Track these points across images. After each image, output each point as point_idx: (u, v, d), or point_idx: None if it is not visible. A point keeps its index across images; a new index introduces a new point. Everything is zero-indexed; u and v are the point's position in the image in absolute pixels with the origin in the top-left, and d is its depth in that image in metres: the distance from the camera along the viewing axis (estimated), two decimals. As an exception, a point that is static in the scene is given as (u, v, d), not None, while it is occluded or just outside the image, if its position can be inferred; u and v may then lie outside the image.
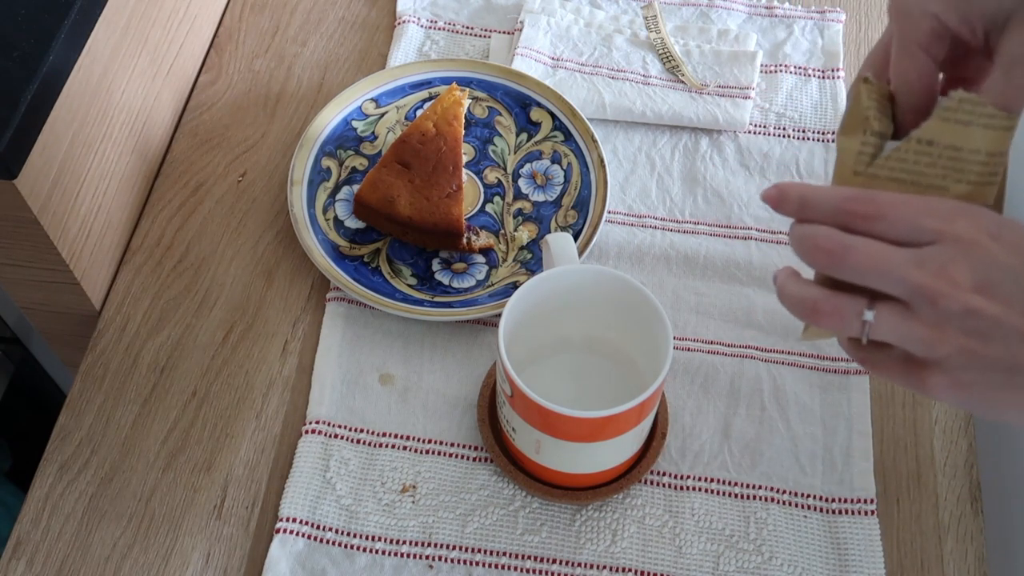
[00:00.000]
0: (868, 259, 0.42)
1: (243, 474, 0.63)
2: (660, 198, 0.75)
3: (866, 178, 0.43)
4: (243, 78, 0.82)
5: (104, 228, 0.70)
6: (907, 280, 0.41)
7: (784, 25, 0.85)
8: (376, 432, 0.65)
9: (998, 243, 0.41)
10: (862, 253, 0.42)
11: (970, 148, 0.42)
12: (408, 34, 0.83)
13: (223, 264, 0.72)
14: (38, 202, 0.61)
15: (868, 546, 0.61)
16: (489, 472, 0.63)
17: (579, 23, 0.84)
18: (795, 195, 0.44)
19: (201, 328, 0.69)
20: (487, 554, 0.60)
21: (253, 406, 0.66)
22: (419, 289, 0.69)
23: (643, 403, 0.55)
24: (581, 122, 0.76)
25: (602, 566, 0.60)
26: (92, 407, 0.65)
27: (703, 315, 0.70)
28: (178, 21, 0.77)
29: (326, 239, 0.71)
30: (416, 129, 0.70)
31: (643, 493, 0.63)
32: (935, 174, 0.43)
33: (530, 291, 0.59)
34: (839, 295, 0.43)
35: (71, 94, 0.63)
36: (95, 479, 0.63)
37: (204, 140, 0.78)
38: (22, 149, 0.58)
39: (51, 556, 0.60)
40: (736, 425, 0.65)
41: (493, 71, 0.79)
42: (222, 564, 0.60)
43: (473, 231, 0.71)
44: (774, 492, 0.63)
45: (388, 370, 0.67)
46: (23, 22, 0.59)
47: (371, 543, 0.60)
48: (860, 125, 0.43)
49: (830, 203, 0.43)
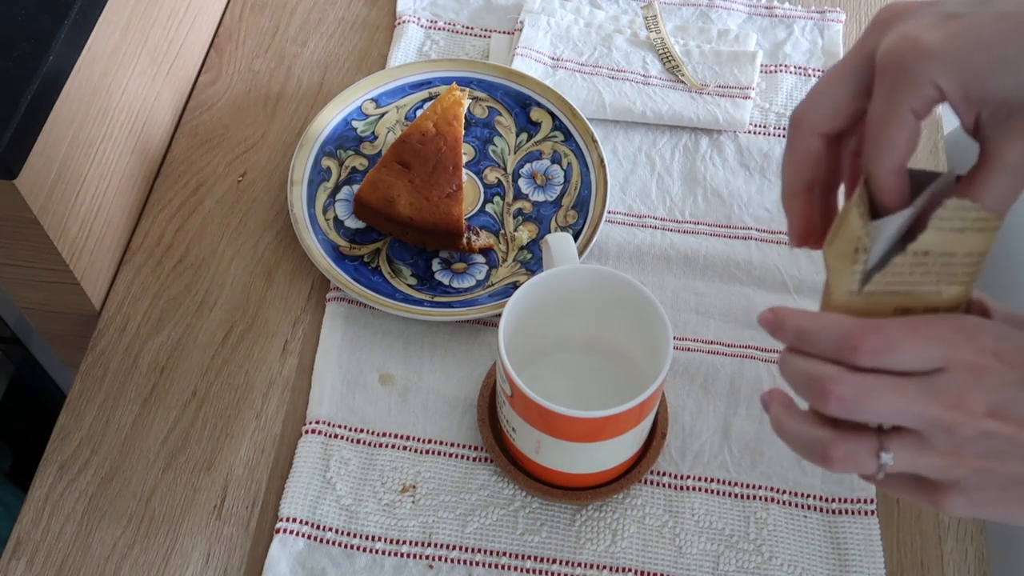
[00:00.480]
0: (884, 404, 0.40)
1: (243, 474, 0.63)
2: (660, 198, 0.75)
3: (863, 297, 0.43)
4: (243, 78, 0.82)
5: (104, 228, 0.70)
6: (923, 415, 0.40)
7: (784, 25, 0.85)
8: (376, 432, 0.65)
9: (1001, 362, 0.41)
10: (877, 398, 0.40)
11: (963, 252, 0.41)
12: (408, 34, 0.83)
13: (223, 264, 0.72)
14: (38, 202, 0.61)
15: (868, 546, 0.61)
16: (489, 472, 0.63)
17: (579, 23, 0.84)
18: (792, 326, 0.43)
19: (201, 328, 0.69)
20: (487, 554, 0.60)
21: (253, 406, 0.66)
22: (419, 289, 0.69)
23: (643, 403, 0.55)
24: (581, 122, 0.76)
25: (602, 566, 0.60)
26: (92, 407, 0.65)
27: (703, 315, 0.70)
28: (178, 21, 0.77)
29: (326, 239, 0.71)
30: (416, 129, 0.70)
31: (643, 493, 0.63)
32: (929, 281, 0.42)
33: (530, 291, 0.59)
34: (848, 438, 0.42)
35: (71, 94, 0.63)
36: (95, 479, 0.63)
37: (204, 140, 0.78)
38: (22, 149, 0.58)
39: (51, 556, 0.60)
40: (736, 425, 0.65)
41: (493, 71, 0.79)
42: (222, 564, 0.60)
43: (473, 231, 0.71)
44: (774, 492, 0.63)
45: (388, 370, 0.67)
46: (23, 22, 0.59)
47: (371, 543, 0.60)
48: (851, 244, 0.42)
49: (832, 338, 0.41)
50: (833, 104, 0.44)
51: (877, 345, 0.41)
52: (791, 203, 0.47)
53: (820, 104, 0.45)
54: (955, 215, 0.40)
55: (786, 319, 0.43)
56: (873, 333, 0.41)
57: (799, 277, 0.71)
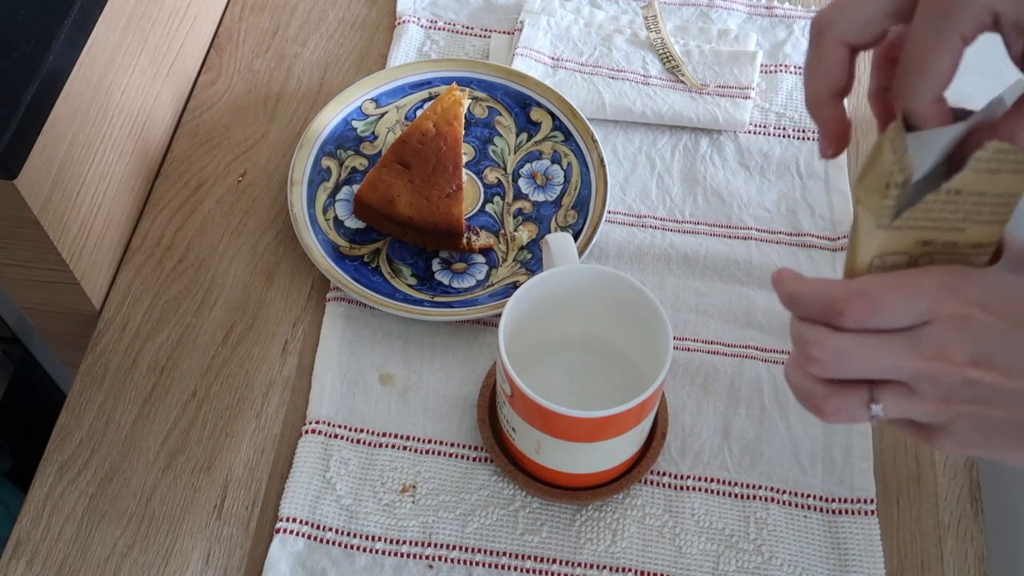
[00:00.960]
0: (866, 361, 0.42)
1: (243, 474, 0.63)
2: (660, 198, 0.75)
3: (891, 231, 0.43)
4: (243, 78, 0.82)
5: (104, 228, 0.70)
6: (907, 368, 0.42)
7: (784, 25, 0.85)
8: (376, 432, 0.65)
9: (987, 312, 0.42)
10: (859, 357, 0.42)
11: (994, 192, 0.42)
12: (408, 34, 0.84)
13: (223, 264, 0.72)
14: (38, 202, 0.61)
15: (868, 546, 0.61)
16: (489, 472, 0.63)
17: (579, 23, 0.84)
18: (784, 291, 0.45)
19: (201, 328, 0.69)
20: (487, 554, 0.60)
21: (253, 406, 0.66)
22: (419, 289, 0.69)
23: (643, 403, 0.55)
24: (581, 122, 0.76)
25: (602, 566, 0.60)
26: (92, 407, 0.65)
27: (703, 315, 0.70)
28: (178, 21, 0.77)
29: (326, 239, 0.71)
30: (416, 129, 0.70)
31: (643, 493, 0.63)
32: (955, 219, 0.43)
33: (530, 291, 0.59)
34: (839, 393, 0.44)
35: (71, 94, 0.63)
36: (95, 479, 0.63)
37: (204, 140, 0.78)
38: (22, 149, 0.58)
39: (51, 556, 0.60)
40: (736, 425, 0.65)
41: (493, 71, 0.79)
42: (222, 564, 0.60)
43: (473, 231, 0.71)
44: (774, 492, 0.63)
45: (388, 370, 0.67)
46: (23, 22, 0.59)
47: (371, 543, 0.60)
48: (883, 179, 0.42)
49: (818, 304, 0.43)
50: (865, 17, 0.44)
51: (860, 310, 0.42)
52: (821, 111, 0.47)
53: (850, 15, 0.45)
54: (994, 156, 0.40)
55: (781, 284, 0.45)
56: (857, 298, 0.42)
57: (799, 277, 0.71)
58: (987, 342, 0.42)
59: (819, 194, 0.75)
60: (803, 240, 0.73)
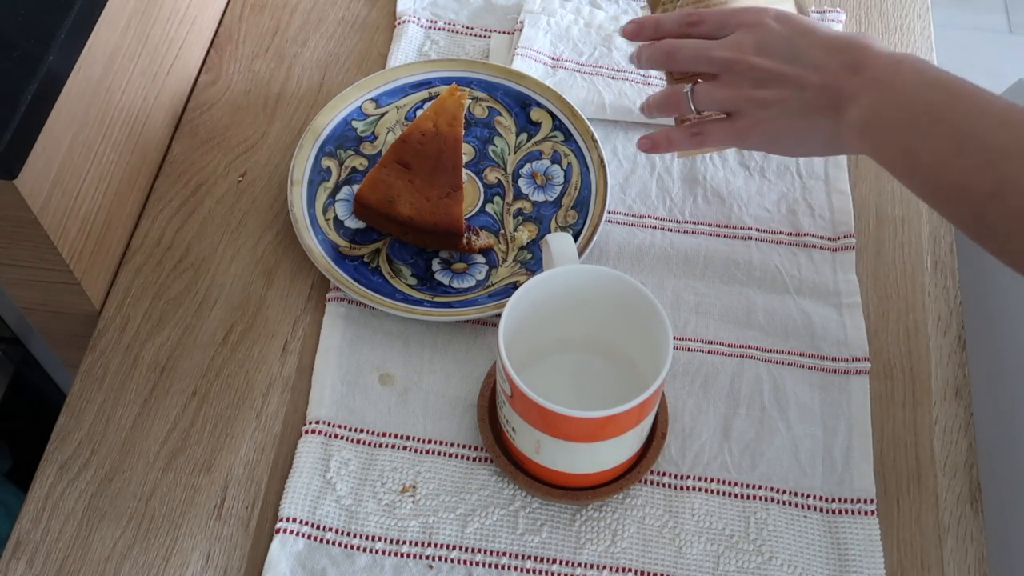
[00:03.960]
0: (689, 51, 0.63)
1: (243, 474, 0.63)
2: (660, 198, 0.75)
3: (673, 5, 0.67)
4: (243, 78, 0.82)
5: (104, 228, 0.70)
6: (714, 58, 0.62)
7: (784, 25, 0.85)
8: (376, 432, 0.65)
9: (778, 22, 0.61)
10: (685, 48, 0.64)
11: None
12: (408, 34, 0.83)
13: (223, 264, 0.72)
14: (38, 202, 0.61)
15: (868, 546, 0.61)
16: (489, 472, 0.63)
17: (579, 23, 0.84)
18: (650, 22, 0.66)
19: (201, 328, 0.69)
20: (487, 554, 0.60)
21: (253, 406, 0.66)
22: (419, 289, 0.69)
23: (643, 403, 0.55)
24: (581, 122, 0.76)
25: (602, 566, 0.60)
26: (92, 407, 0.65)
27: (703, 315, 0.70)
28: (178, 21, 0.77)
29: (326, 239, 0.71)
30: (416, 129, 0.70)
31: (643, 493, 0.63)
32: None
33: (530, 291, 0.59)
34: (674, 86, 0.66)
35: (71, 94, 0.62)
36: (95, 479, 0.63)
37: (204, 140, 0.78)
38: (22, 149, 0.58)
39: (51, 556, 0.60)
40: (736, 425, 0.65)
41: (493, 71, 0.79)
42: (222, 564, 0.60)
43: (473, 231, 0.71)
44: (774, 492, 0.63)
45: (388, 370, 0.67)
46: (23, 22, 0.59)
47: (371, 543, 0.60)
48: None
49: (675, 20, 0.65)
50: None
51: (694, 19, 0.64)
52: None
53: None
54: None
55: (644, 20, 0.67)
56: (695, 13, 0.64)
57: (799, 277, 0.71)
58: (770, 39, 0.61)
59: (819, 194, 0.75)
60: (803, 240, 0.73)
